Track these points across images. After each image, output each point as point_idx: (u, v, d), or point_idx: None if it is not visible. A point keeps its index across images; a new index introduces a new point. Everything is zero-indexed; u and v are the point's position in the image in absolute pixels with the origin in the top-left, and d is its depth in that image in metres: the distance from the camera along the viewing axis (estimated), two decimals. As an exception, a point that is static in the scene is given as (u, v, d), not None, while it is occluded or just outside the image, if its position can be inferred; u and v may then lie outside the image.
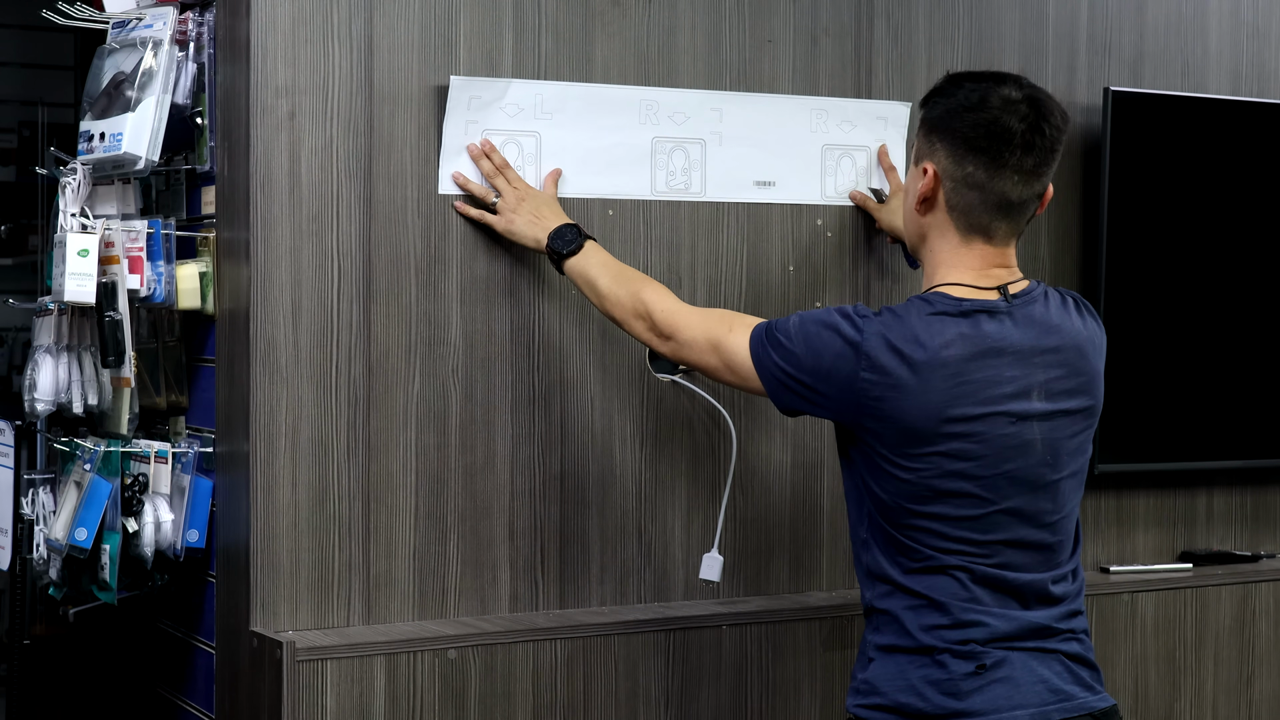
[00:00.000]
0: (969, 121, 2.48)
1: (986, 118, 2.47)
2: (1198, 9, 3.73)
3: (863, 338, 2.46)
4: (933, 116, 2.53)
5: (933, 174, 2.51)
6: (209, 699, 3.07)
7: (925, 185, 2.51)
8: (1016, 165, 2.47)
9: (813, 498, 3.30)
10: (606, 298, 2.83)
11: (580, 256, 2.87)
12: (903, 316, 2.47)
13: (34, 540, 3.28)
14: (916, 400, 2.43)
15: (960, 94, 2.50)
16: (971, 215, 2.50)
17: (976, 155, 2.47)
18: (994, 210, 2.49)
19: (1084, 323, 2.56)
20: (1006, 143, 2.46)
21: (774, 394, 2.57)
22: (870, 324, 2.47)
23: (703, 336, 2.68)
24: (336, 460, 2.92)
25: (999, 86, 2.49)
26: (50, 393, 3.14)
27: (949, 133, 2.49)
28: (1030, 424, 2.48)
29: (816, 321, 2.52)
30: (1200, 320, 3.71)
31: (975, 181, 2.48)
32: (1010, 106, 2.47)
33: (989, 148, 2.47)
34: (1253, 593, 3.68)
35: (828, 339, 2.49)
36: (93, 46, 3.19)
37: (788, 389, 2.55)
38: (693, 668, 3.07)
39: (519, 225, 2.94)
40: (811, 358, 2.50)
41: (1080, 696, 2.51)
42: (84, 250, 2.98)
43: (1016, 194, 2.49)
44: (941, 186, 2.51)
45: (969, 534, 2.47)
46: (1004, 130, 2.46)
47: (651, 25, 3.15)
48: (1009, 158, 2.47)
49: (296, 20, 2.88)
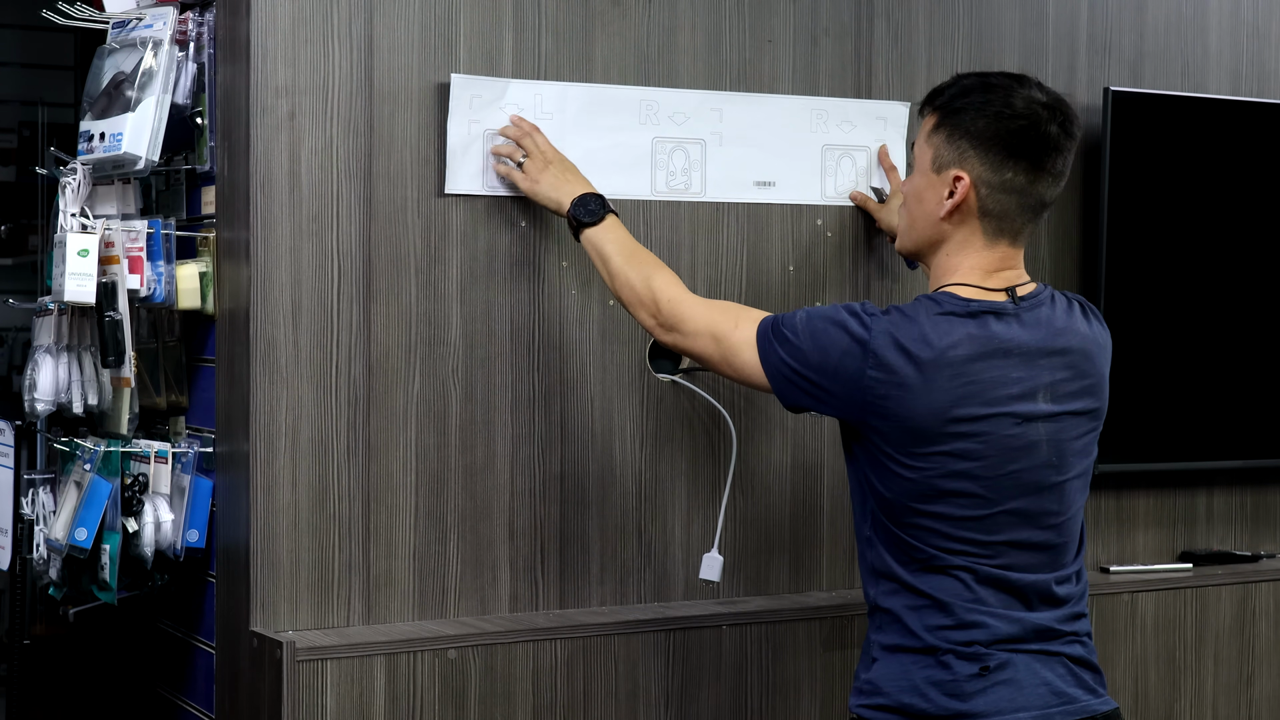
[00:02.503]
0: (1008, 129, 2.47)
1: (1024, 124, 2.47)
2: (1198, 9, 3.73)
3: (870, 335, 2.46)
4: (961, 124, 2.50)
5: (968, 183, 2.50)
6: (209, 699, 3.07)
7: (960, 194, 2.50)
8: (1052, 168, 2.50)
9: (813, 498, 3.30)
10: (616, 277, 2.81)
11: (600, 229, 2.85)
12: (911, 316, 2.47)
13: (34, 540, 3.28)
14: (922, 400, 2.43)
15: (988, 100, 2.49)
16: (1005, 219, 2.51)
17: (1017, 161, 2.48)
18: (1029, 212, 2.52)
19: (1089, 326, 2.57)
20: (1045, 148, 2.48)
21: (780, 391, 2.57)
22: (878, 322, 2.47)
23: (707, 330, 2.67)
24: (336, 460, 2.92)
25: (1020, 89, 2.49)
26: (50, 393, 3.14)
27: (985, 139, 2.48)
28: (1035, 425, 2.48)
29: (824, 318, 2.51)
30: (1200, 320, 3.71)
31: (1015, 186, 2.49)
32: (1042, 110, 2.48)
33: (1030, 153, 2.48)
34: (1253, 593, 3.68)
35: (835, 336, 2.49)
36: (93, 46, 3.18)
37: (794, 385, 2.54)
38: (693, 668, 3.07)
39: (543, 186, 2.93)
40: (818, 354, 2.50)
41: (1083, 699, 2.51)
42: (84, 250, 2.98)
43: (1050, 195, 2.52)
44: (975, 193, 2.50)
45: (973, 534, 2.47)
46: (1043, 135, 2.47)
47: (651, 25, 3.15)
48: (1047, 162, 2.49)
49: (296, 20, 2.88)
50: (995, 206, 2.50)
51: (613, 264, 2.82)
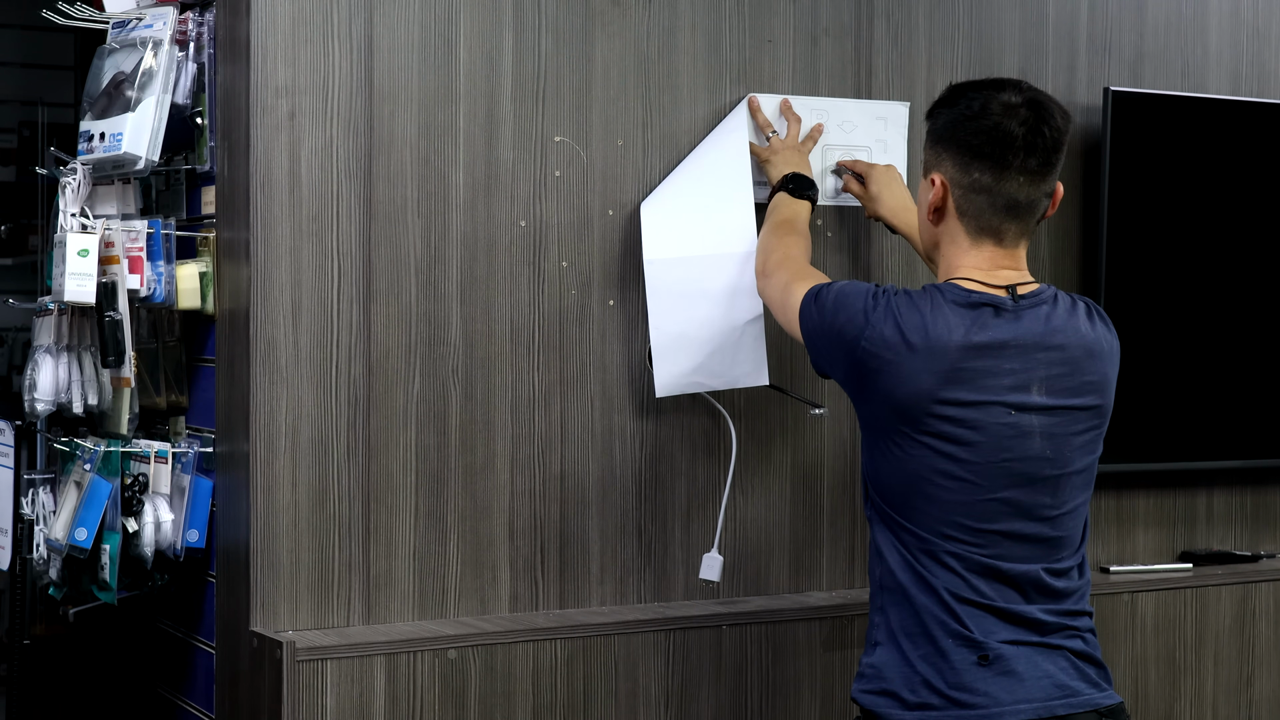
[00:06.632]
0: (971, 129, 2.55)
1: (988, 124, 2.54)
2: (1198, 9, 3.73)
3: (875, 309, 2.55)
4: (936, 129, 2.61)
5: (941, 183, 2.58)
6: (209, 699, 3.07)
7: (935, 195, 2.59)
8: (1021, 167, 2.54)
9: (813, 498, 3.30)
10: (762, 238, 3.00)
11: (791, 201, 3.05)
12: (916, 301, 2.54)
13: (34, 540, 3.28)
14: (908, 380, 2.49)
15: (961, 104, 2.58)
16: (981, 218, 2.57)
17: (981, 161, 2.55)
18: (1003, 212, 2.56)
19: (1093, 327, 2.60)
20: (1009, 146, 2.53)
21: (809, 350, 2.69)
22: (888, 300, 2.55)
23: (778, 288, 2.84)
24: (336, 460, 2.92)
25: (999, 93, 2.56)
26: (50, 393, 3.14)
27: (953, 142, 2.57)
28: (1029, 416, 2.51)
29: (853, 290, 2.62)
30: (1200, 320, 3.71)
31: (982, 186, 2.55)
32: (1010, 111, 2.54)
33: (992, 153, 2.54)
34: (1253, 593, 3.68)
35: (851, 304, 2.59)
36: (93, 46, 3.19)
37: (814, 347, 2.67)
38: (693, 668, 3.07)
39: (778, 161, 3.15)
40: (831, 317, 2.61)
41: (1086, 693, 2.53)
42: (84, 250, 2.98)
43: (1024, 195, 2.55)
44: (950, 194, 2.58)
45: (964, 520, 2.50)
46: (1005, 135, 2.53)
47: (651, 25, 3.15)
48: (1013, 160, 2.53)
49: (296, 20, 2.88)
50: (969, 207, 2.57)
51: (768, 225, 3.03)
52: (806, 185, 3.09)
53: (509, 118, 3.04)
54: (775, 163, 3.16)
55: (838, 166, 3.27)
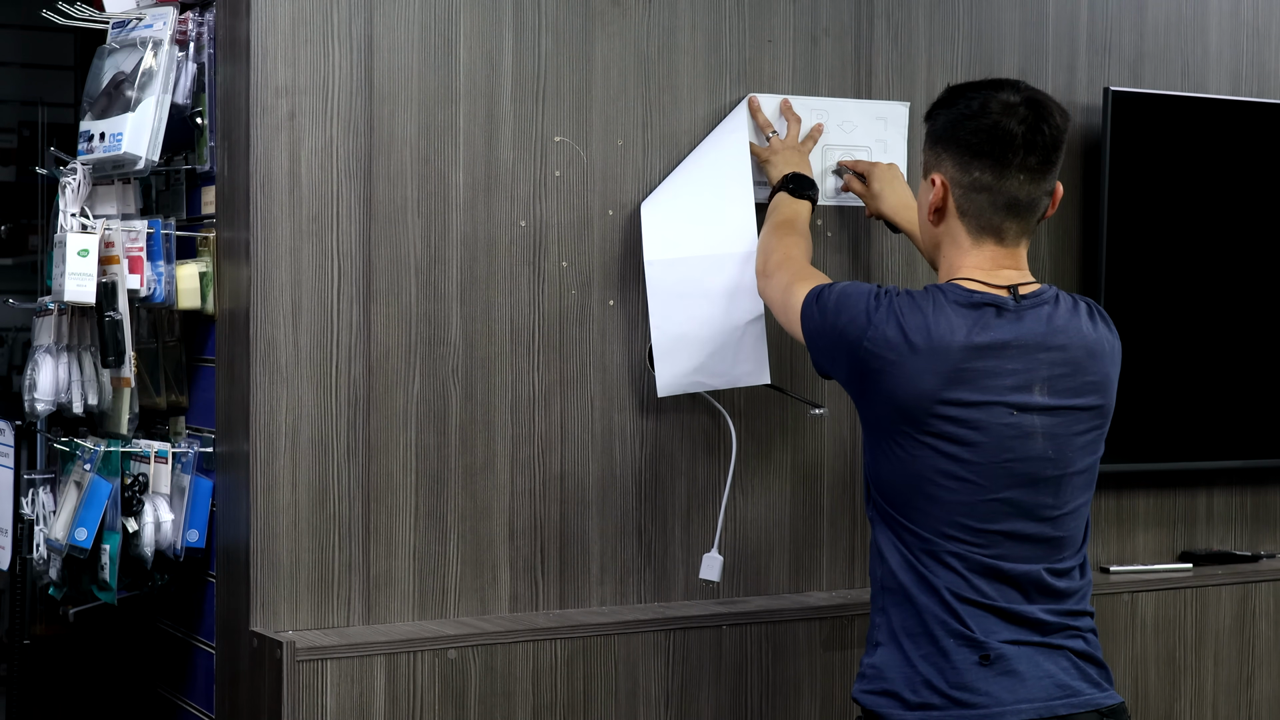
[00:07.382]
0: (970, 129, 2.55)
1: (987, 123, 2.54)
2: (1198, 9, 3.73)
3: (877, 310, 2.54)
4: (935, 129, 2.61)
5: (941, 183, 2.58)
6: (209, 699, 3.07)
7: (935, 196, 2.59)
8: (1021, 165, 2.54)
9: (813, 498, 3.30)
10: (763, 238, 3.00)
11: (792, 201, 3.06)
12: (918, 301, 2.54)
13: (34, 540, 3.28)
14: (911, 381, 2.49)
15: (960, 104, 2.58)
16: (982, 218, 2.57)
17: (981, 160, 2.55)
18: (1004, 211, 2.56)
19: (1095, 327, 2.60)
20: (1008, 145, 2.53)
21: (810, 350, 2.69)
22: (890, 301, 2.55)
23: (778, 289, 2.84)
24: (336, 460, 2.92)
25: (998, 93, 2.57)
26: (50, 393, 3.14)
27: (952, 142, 2.57)
28: (1031, 416, 2.51)
29: (855, 291, 2.62)
30: (1200, 320, 3.71)
31: (983, 185, 2.56)
32: (1009, 110, 2.54)
33: (992, 151, 2.54)
34: (1253, 593, 3.68)
35: (853, 305, 2.59)
36: (93, 46, 3.18)
37: (816, 347, 2.66)
38: (693, 668, 3.07)
39: (778, 161, 3.15)
40: (833, 318, 2.61)
41: (1088, 693, 2.53)
42: (84, 250, 2.98)
43: (1024, 193, 2.56)
44: (950, 194, 2.58)
45: (966, 520, 2.50)
46: (1005, 134, 2.53)
47: (651, 25, 3.15)
48: (1013, 159, 2.54)
49: (296, 20, 2.88)
50: (970, 206, 2.58)
51: (768, 225, 3.02)
52: (807, 185, 3.09)
53: (509, 118, 3.04)
54: (775, 163, 3.16)
55: (839, 166, 3.27)
